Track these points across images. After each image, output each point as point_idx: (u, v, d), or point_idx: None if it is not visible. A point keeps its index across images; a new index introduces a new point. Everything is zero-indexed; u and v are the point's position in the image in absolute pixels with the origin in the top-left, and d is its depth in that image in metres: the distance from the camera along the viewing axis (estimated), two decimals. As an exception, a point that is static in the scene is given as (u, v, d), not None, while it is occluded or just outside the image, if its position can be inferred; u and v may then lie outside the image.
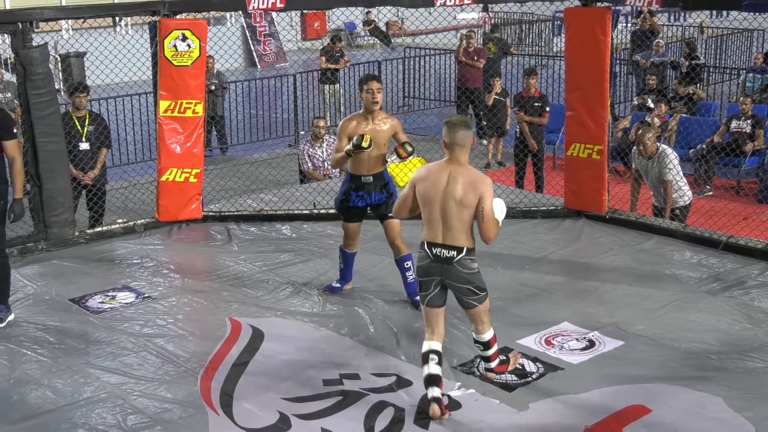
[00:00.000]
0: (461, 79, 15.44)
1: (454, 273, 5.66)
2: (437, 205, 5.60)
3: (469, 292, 5.72)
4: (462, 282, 5.69)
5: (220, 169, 13.12)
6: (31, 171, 8.82)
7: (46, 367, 6.48)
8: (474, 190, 5.57)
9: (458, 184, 5.56)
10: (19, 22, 8.57)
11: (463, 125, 5.66)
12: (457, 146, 5.61)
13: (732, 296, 7.55)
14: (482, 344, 5.98)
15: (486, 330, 5.91)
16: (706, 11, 23.96)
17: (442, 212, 5.60)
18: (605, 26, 8.89)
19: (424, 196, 5.66)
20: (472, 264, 5.70)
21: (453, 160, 5.63)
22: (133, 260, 8.71)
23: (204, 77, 9.55)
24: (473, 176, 5.64)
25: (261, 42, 25.68)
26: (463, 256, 5.64)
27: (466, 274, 5.67)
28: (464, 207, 5.57)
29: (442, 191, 5.58)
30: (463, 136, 5.61)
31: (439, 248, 5.65)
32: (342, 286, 7.72)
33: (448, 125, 5.66)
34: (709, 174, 12.52)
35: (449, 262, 5.65)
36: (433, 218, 5.63)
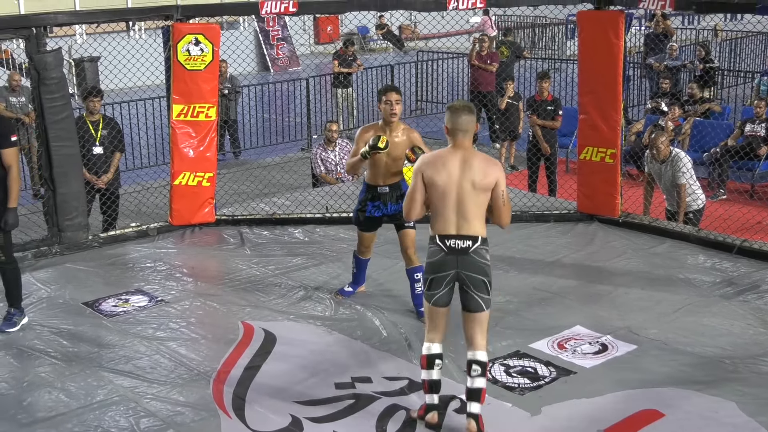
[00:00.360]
0: (474, 83, 15.43)
1: (472, 263, 5.38)
2: (452, 194, 5.34)
3: (483, 286, 5.41)
4: (478, 272, 5.38)
5: (233, 173, 13.12)
6: (45, 175, 8.89)
7: (60, 370, 6.51)
8: (491, 173, 5.37)
9: (473, 168, 5.34)
10: (34, 27, 8.62)
11: (466, 110, 5.45)
12: (461, 131, 5.40)
13: (746, 300, 7.53)
14: (480, 367, 5.42)
15: (483, 348, 5.46)
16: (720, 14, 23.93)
17: (458, 200, 5.34)
18: (618, 29, 8.88)
19: (435, 184, 5.38)
20: (487, 255, 5.45)
21: (458, 146, 5.42)
22: (146, 264, 8.74)
23: (217, 81, 9.57)
24: (485, 159, 5.45)
25: (274, 46, 25.72)
26: (479, 245, 5.39)
27: (482, 264, 5.40)
28: (481, 192, 5.34)
29: (458, 178, 5.34)
30: (467, 120, 5.40)
31: (454, 239, 5.37)
32: (354, 290, 7.73)
33: (451, 110, 5.48)
34: (722, 178, 12.47)
35: (465, 252, 5.37)
36: (447, 208, 5.36)
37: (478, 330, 5.45)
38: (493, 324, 7.00)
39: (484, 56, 15.31)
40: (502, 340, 6.82)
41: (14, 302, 7.24)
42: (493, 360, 6.46)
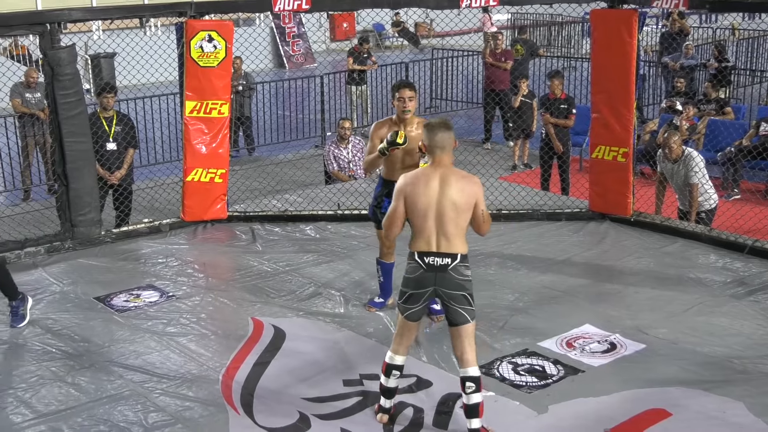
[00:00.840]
0: (488, 81, 15.41)
1: (449, 279, 5.39)
2: (432, 213, 5.36)
3: (463, 300, 5.40)
4: (456, 289, 5.39)
5: (246, 169, 13.15)
6: (59, 170, 8.93)
7: (70, 364, 6.55)
8: (470, 192, 5.41)
9: (452, 187, 5.37)
10: (48, 23, 8.66)
11: (443, 127, 5.48)
12: (438, 149, 5.43)
13: (756, 300, 7.51)
14: (475, 384, 5.40)
15: (474, 361, 5.44)
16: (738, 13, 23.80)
17: (437, 219, 5.36)
18: (632, 28, 8.86)
19: (414, 205, 5.41)
20: (466, 271, 5.44)
21: (437, 164, 5.45)
22: (158, 259, 8.77)
23: (230, 78, 9.60)
24: (464, 178, 5.46)
25: (289, 43, 25.76)
26: (458, 263, 5.39)
27: (461, 280, 5.40)
28: (462, 211, 5.38)
29: (437, 196, 5.37)
30: (443, 138, 5.43)
31: (433, 257, 5.38)
32: (385, 302, 7.44)
33: (427, 128, 5.52)
34: (736, 177, 12.42)
35: (444, 270, 5.38)
36: (427, 226, 5.38)
37: (466, 344, 5.44)
38: (502, 322, 7.08)
39: (498, 54, 15.28)
40: (510, 339, 6.83)
41: (12, 294, 7.25)
42: (501, 358, 6.50)
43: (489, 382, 6.15)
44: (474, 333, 5.48)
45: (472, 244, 8.66)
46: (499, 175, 12.22)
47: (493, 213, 9.66)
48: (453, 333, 5.49)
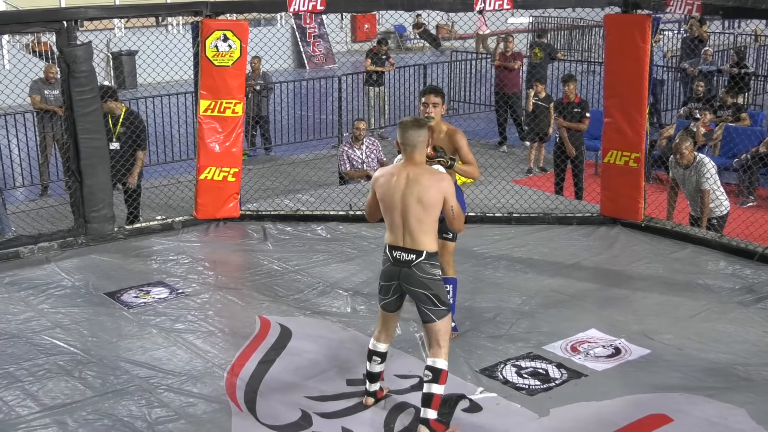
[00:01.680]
0: (499, 84, 15.36)
1: (411, 276, 5.46)
2: (398, 209, 5.45)
3: (426, 299, 5.47)
4: (419, 286, 5.47)
5: (260, 168, 13.21)
6: (73, 167, 9.02)
7: (78, 358, 6.63)
8: (437, 189, 5.43)
9: (418, 185, 5.42)
10: (64, 21, 8.75)
11: (413, 125, 5.53)
12: (409, 146, 5.50)
13: (764, 308, 7.48)
14: (432, 372, 5.46)
15: (441, 356, 5.47)
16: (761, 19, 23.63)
17: (402, 215, 5.44)
18: (645, 33, 8.85)
19: (383, 199, 5.53)
20: (433, 270, 5.48)
21: (408, 161, 5.52)
22: (170, 256, 8.84)
23: (244, 78, 9.65)
24: (432, 175, 5.51)
25: (310, 43, 25.84)
26: (422, 260, 5.44)
27: (424, 279, 5.45)
28: (427, 207, 5.42)
29: (402, 193, 5.44)
30: (413, 135, 5.49)
31: (399, 251, 5.48)
32: None
33: (400, 126, 5.57)
34: (752, 184, 12.36)
35: (407, 266, 5.46)
36: (395, 222, 5.48)
37: (434, 339, 5.52)
38: (508, 325, 7.10)
39: (508, 56, 15.23)
40: (515, 342, 6.85)
41: None
42: (505, 361, 6.52)
43: (492, 385, 6.20)
44: (446, 330, 5.54)
45: (482, 247, 8.83)
46: (513, 178, 12.22)
47: (503, 216, 9.73)
48: (424, 329, 5.64)
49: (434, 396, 5.47)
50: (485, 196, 10.15)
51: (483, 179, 10.95)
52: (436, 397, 5.48)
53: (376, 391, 5.94)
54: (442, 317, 5.51)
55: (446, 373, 5.51)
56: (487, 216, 9.75)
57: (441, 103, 6.68)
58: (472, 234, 9.25)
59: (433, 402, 5.48)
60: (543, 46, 17.18)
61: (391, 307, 5.68)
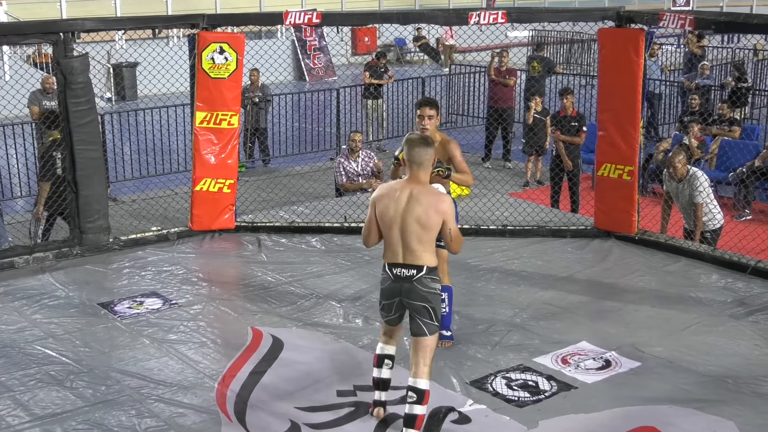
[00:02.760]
0: (492, 99, 15.23)
1: (413, 291, 5.50)
2: (397, 227, 5.47)
3: (425, 312, 5.50)
4: (419, 300, 5.50)
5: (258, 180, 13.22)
6: (69, 177, 9.06)
7: (70, 368, 6.65)
8: (436, 211, 5.46)
9: (419, 204, 5.44)
10: (61, 32, 8.80)
11: (422, 142, 5.57)
12: (415, 164, 5.52)
13: (755, 321, 7.51)
14: (415, 393, 5.47)
15: (424, 375, 5.50)
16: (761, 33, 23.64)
17: (402, 233, 5.46)
18: (639, 47, 8.88)
19: (383, 217, 5.53)
20: (433, 284, 5.53)
21: (412, 179, 5.54)
22: (164, 267, 8.87)
23: (240, 90, 9.70)
24: (433, 196, 5.52)
25: (311, 56, 25.91)
26: (423, 275, 5.49)
27: (424, 292, 5.50)
28: (426, 228, 5.45)
29: (402, 212, 5.46)
30: (420, 153, 5.52)
31: (400, 268, 5.50)
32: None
33: (407, 142, 5.59)
34: (748, 198, 12.39)
35: (409, 281, 5.50)
36: (393, 239, 5.50)
37: (420, 356, 5.52)
38: (499, 337, 7.12)
39: (503, 71, 15.21)
40: (506, 354, 6.87)
41: None
42: (495, 373, 6.54)
43: (482, 397, 6.21)
44: (432, 348, 5.56)
45: (476, 260, 8.85)
46: (510, 191, 12.26)
47: (498, 228, 9.75)
48: (412, 341, 5.62)
49: (417, 417, 5.51)
50: (480, 208, 10.17)
51: (479, 192, 11.01)
52: (419, 418, 5.52)
53: (384, 402, 5.90)
54: (433, 333, 5.55)
55: (429, 393, 5.53)
56: (482, 228, 9.77)
57: (436, 115, 6.78)
58: (467, 246, 9.11)
59: (417, 423, 5.51)
60: (541, 59, 17.24)
61: (395, 322, 5.76)
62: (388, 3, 29.35)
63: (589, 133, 12.38)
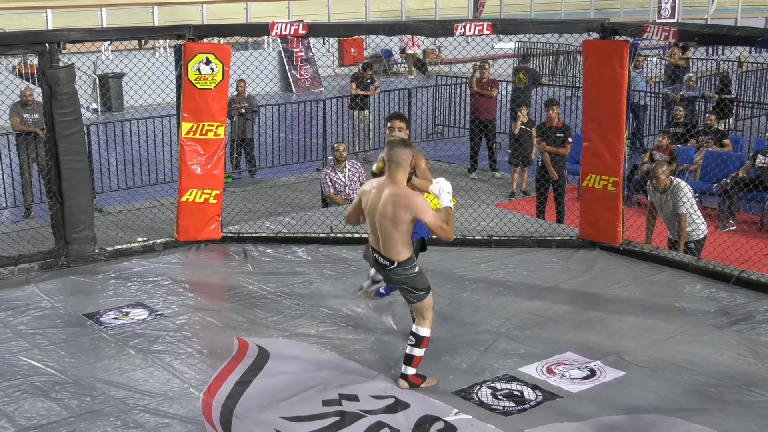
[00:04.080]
0: (475, 111, 15.21)
1: (390, 277, 6.29)
2: (373, 221, 6.14)
3: (405, 291, 6.26)
4: (397, 283, 6.28)
5: (244, 191, 13.23)
6: (54, 188, 9.06)
7: (55, 379, 6.64)
8: (406, 209, 5.99)
9: (389, 204, 6.01)
10: (47, 43, 8.80)
11: (400, 144, 6.17)
12: (393, 163, 6.07)
13: (739, 330, 7.55)
14: (415, 338, 6.29)
15: (424, 325, 6.28)
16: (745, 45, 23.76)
17: (376, 227, 6.12)
18: (623, 59, 8.93)
19: (365, 208, 6.23)
20: (407, 271, 6.17)
21: (390, 178, 6.10)
22: (150, 278, 8.86)
23: (226, 101, 9.71)
24: (403, 196, 6.02)
25: (297, 67, 25.92)
26: (395, 267, 6.16)
27: (400, 278, 6.21)
28: (397, 224, 6.02)
29: (376, 208, 6.08)
30: (399, 153, 6.07)
31: (379, 255, 6.22)
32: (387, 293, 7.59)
33: (388, 144, 6.25)
34: (732, 209, 12.45)
35: (384, 269, 6.24)
36: (373, 229, 6.20)
37: (418, 313, 6.34)
38: (484, 347, 7.15)
39: (484, 83, 15.23)
40: (492, 363, 6.90)
41: None
42: (481, 383, 6.57)
43: (467, 407, 6.23)
44: (427, 306, 6.28)
45: (461, 270, 8.88)
46: (497, 202, 12.30)
47: (484, 239, 9.78)
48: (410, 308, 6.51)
49: (415, 357, 6.35)
50: (465, 219, 10.21)
51: (465, 202, 11.05)
52: (416, 358, 6.35)
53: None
54: (422, 299, 6.26)
55: (428, 339, 6.32)
56: (468, 239, 9.80)
57: (405, 128, 7.21)
58: (452, 257, 9.32)
59: (414, 361, 6.35)
60: (527, 70, 17.31)
61: None
62: (374, 14, 29.41)
63: (575, 144, 12.43)
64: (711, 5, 34.77)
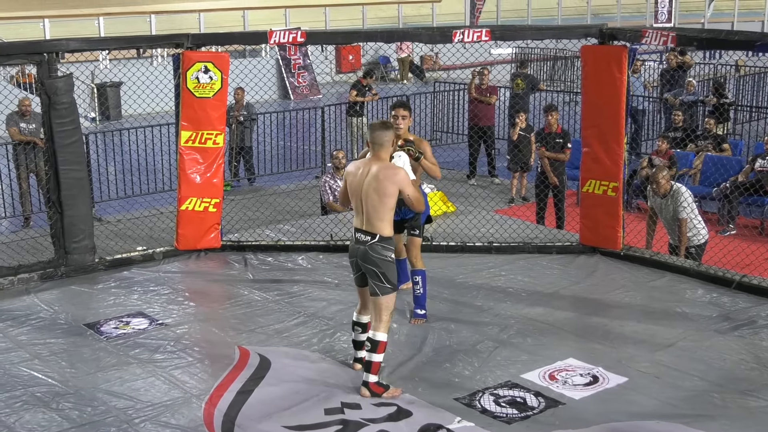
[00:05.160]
0: (473, 118, 15.14)
1: (366, 255, 6.33)
2: (358, 197, 6.38)
3: (375, 275, 6.33)
4: (370, 264, 6.33)
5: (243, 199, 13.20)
6: (53, 198, 9.04)
7: (56, 390, 6.62)
8: (392, 182, 6.28)
9: (376, 179, 6.28)
10: (46, 53, 8.79)
11: (381, 126, 6.48)
12: (376, 144, 6.38)
13: (741, 336, 7.53)
14: (371, 344, 6.35)
15: (380, 329, 6.34)
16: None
17: (363, 202, 6.35)
18: (622, 64, 8.93)
19: (350, 188, 6.47)
20: (384, 251, 6.33)
21: (375, 157, 6.39)
22: (150, 287, 8.84)
23: (225, 109, 9.69)
24: (390, 170, 6.36)
25: (295, 74, 25.92)
26: (375, 242, 6.32)
27: (375, 258, 6.31)
28: (383, 197, 6.28)
29: (364, 185, 6.32)
30: (380, 135, 6.37)
31: (360, 233, 6.40)
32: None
33: (370, 127, 6.52)
34: (732, 213, 12.44)
35: (364, 245, 6.35)
36: (357, 207, 6.43)
37: (376, 313, 6.40)
38: (486, 354, 7.13)
39: (483, 90, 15.21)
40: (494, 370, 6.88)
41: None
42: (483, 390, 6.55)
43: (470, 414, 6.21)
44: (387, 307, 6.35)
45: (462, 276, 8.86)
46: (496, 208, 12.28)
47: (484, 245, 9.77)
48: (371, 302, 6.49)
49: (373, 363, 6.37)
50: (465, 225, 10.20)
51: (465, 209, 11.04)
52: (375, 364, 6.37)
53: (362, 358, 6.61)
54: (386, 294, 6.34)
55: (384, 344, 6.37)
56: (468, 246, 9.79)
57: (408, 116, 7.71)
58: (453, 263, 9.30)
59: (373, 368, 6.38)
60: (525, 76, 17.29)
61: (359, 282, 6.59)
62: (371, 21, 29.43)
63: (574, 149, 12.42)
64: (708, 9, 34.81)
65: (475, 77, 15.34)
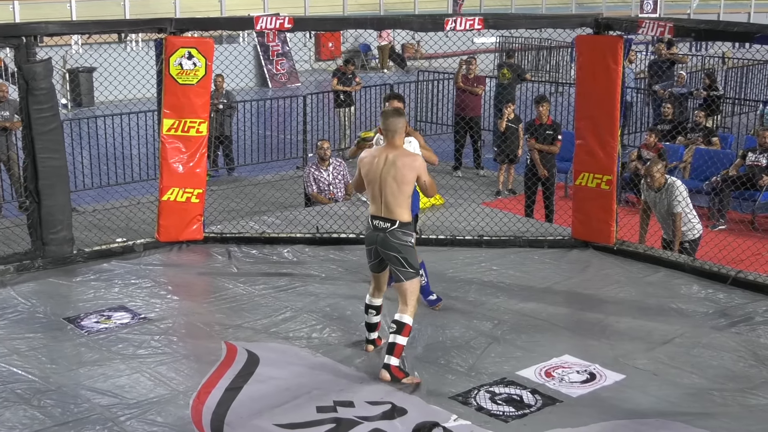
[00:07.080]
0: (459, 107, 14.99)
1: (386, 241, 6.37)
2: (377, 185, 6.40)
3: (397, 261, 6.38)
4: (392, 250, 6.37)
5: (224, 189, 12.98)
6: (31, 187, 8.76)
7: (36, 386, 6.39)
8: (411, 169, 6.36)
9: (394, 165, 6.34)
10: (23, 36, 8.51)
11: (394, 113, 6.54)
12: (390, 131, 6.45)
13: (738, 332, 7.41)
14: (396, 325, 6.37)
15: (407, 312, 6.38)
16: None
17: (381, 190, 6.37)
18: (617, 55, 8.76)
19: (367, 176, 6.49)
20: (405, 237, 6.39)
21: (389, 144, 6.47)
22: (131, 280, 8.60)
23: (209, 96, 9.46)
24: (408, 157, 6.46)
25: (273, 61, 25.61)
26: (396, 228, 6.36)
27: (396, 244, 6.36)
28: (401, 184, 6.34)
29: (381, 172, 6.37)
30: (393, 122, 6.45)
31: (378, 220, 6.42)
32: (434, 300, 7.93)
33: (383, 115, 6.61)
34: (723, 207, 12.30)
35: (383, 232, 6.38)
36: (375, 195, 6.43)
37: (401, 298, 6.44)
38: (480, 350, 6.96)
39: (470, 79, 15.02)
40: (488, 367, 6.72)
41: None
42: (478, 387, 6.40)
43: (466, 411, 6.06)
44: (413, 290, 6.41)
45: (453, 271, 8.69)
46: (483, 201, 12.11)
47: (474, 239, 9.59)
48: (396, 289, 6.51)
49: (397, 345, 6.37)
50: (455, 218, 10.01)
51: (453, 201, 10.86)
52: (398, 347, 6.37)
53: (374, 340, 6.89)
54: (410, 278, 6.42)
55: (410, 327, 6.42)
56: (458, 239, 9.60)
57: (402, 108, 7.50)
58: (443, 257, 9.12)
59: (396, 350, 6.37)
60: (511, 66, 17.11)
61: (376, 269, 6.63)
62: (351, 8, 29.15)
63: (564, 141, 12.26)
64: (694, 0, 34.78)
65: (461, 67, 15.14)
